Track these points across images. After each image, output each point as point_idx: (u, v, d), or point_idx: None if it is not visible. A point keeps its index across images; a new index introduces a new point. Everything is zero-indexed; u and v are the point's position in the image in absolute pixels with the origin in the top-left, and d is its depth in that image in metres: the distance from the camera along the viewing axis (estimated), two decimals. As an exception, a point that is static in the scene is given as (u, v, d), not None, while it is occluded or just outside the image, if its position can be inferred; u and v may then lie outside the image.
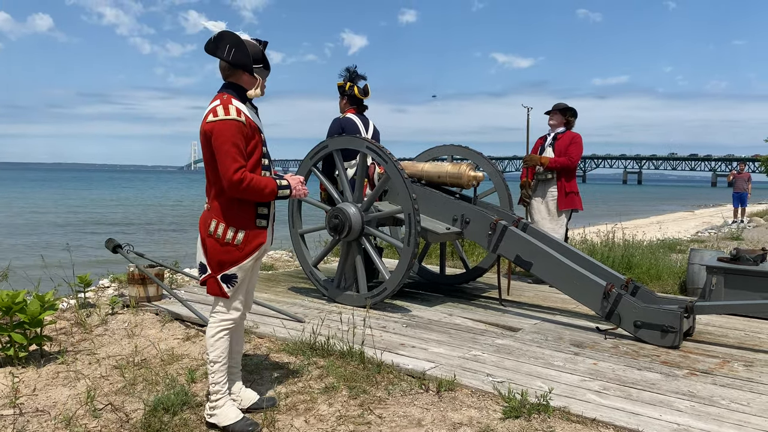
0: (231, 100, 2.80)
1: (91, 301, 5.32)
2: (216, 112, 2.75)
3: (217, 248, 2.84)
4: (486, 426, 2.88)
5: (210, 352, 2.92)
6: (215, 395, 2.93)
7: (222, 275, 2.87)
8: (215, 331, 2.93)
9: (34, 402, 3.35)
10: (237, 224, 2.82)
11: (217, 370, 2.92)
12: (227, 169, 2.70)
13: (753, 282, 5.12)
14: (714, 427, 2.82)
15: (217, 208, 2.84)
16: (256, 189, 2.75)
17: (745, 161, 20.65)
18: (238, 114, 2.76)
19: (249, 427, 2.90)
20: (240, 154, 2.73)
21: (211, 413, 2.94)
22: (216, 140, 2.73)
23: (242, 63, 2.81)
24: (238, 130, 2.74)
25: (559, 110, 6.36)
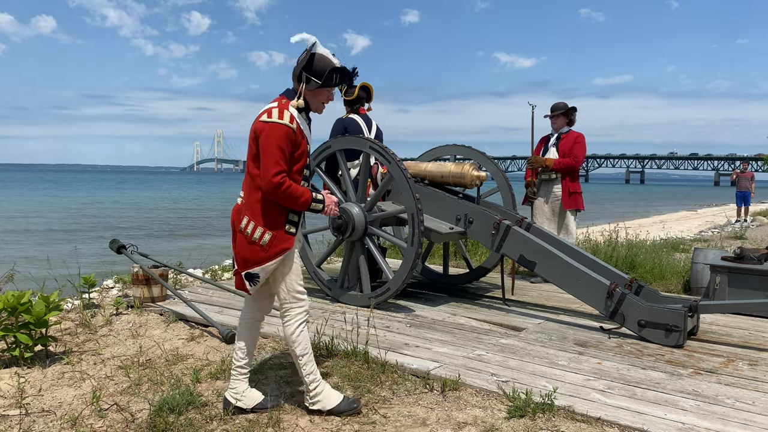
0: (288, 106, 2.89)
1: (96, 302, 5.34)
2: (271, 114, 2.84)
3: (244, 245, 2.90)
4: (491, 425, 2.89)
5: (295, 348, 2.98)
6: (313, 384, 3.01)
7: (245, 273, 2.92)
8: (295, 326, 2.98)
9: (40, 402, 3.36)
10: (267, 225, 2.87)
11: (308, 362, 3.00)
12: (269, 170, 2.78)
13: (757, 281, 5.11)
14: (719, 426, 2.82)
15: (251, 204, 2.89)
16: (292, 196, 2.83)
17: (748, 160, 20.62)
18: (291, 121, 2.84)
19: (353, 404, 3.03)
20: (284, 158, 2.81)
21: (313, 401, 3.03)
22: (264, 140, 2.81)
23: (297, 70, 2.92)
24: (286, 136, 2.81)
25: (562, 113, 6.36)
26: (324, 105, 3.04)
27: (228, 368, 3.66)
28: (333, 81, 2.94)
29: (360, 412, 3.05)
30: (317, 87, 2.93)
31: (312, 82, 2.91)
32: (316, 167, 5.40)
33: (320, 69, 2.90)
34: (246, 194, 2.94)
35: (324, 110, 3.07)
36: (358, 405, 3.04)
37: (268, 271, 2.91)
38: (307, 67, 2.90)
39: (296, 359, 3.00)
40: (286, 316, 3.00)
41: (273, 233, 2.87)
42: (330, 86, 2.97)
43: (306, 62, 2.90)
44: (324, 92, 2.98)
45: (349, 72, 3.02)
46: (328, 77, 2.91)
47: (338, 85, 3.00)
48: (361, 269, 5.21)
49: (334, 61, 2.95)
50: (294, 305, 2.99)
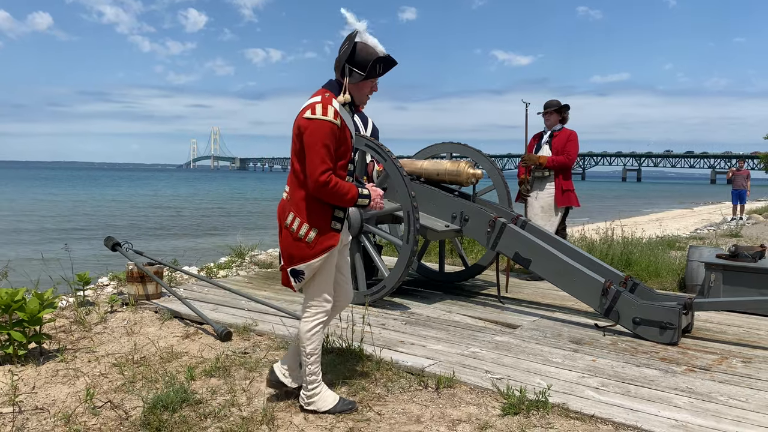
0: (332, 100, 2.79)
1: (91, 300, 5.33)
2: (314, 110, 2.75)
3: (289, 241, 2.88)
4: (485, 422, 2.89)
5: (306, 345, 2.96)
6: (312, 384, 3.00)
7: (291, 269, 2.91)
8: (312, 325, 2.96)
9: (34, 400, 3.35)
10: (312, 222, 2.83)
11: (314, 362, 2.98)
12: (315, 169, 2.72)
13: (751, 278, 5.13)
14: (712, 423, 2.83)
15: (296, 201, 2.86)
16: (339, 193, 2.78)
17: (744, 158, 20.69)
18: (335, 116, 2.75)
19: (348, 405, 3.02)
20: (329, 156, 2.74)
21: (308, 401, 3.02)
22: (308, 138, 2.74)
23: (340, 61, 2.83)
24: (331, 132, 2.74)
25: (555, 110, 6.37)
26: (368, 97, 2.94)
27: (222, 366, 3.66)
28: (377, 72, 2.84)
29: (355, 410, 3.03)
30: (361, 79, 2.83)
31: (355, 74, 2.81)
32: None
33: (363, 60, 2.79)
34: (291, 190, 2.90)
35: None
36: (353, 406, 3.04)
37: (313, 268, 2.88)
38: (350, 58, 2.79)
39: (303, 356, 2.98)
40: (307, 312, 2.98)
41: (318, 230, 2.83)
42: (374, 77, 2.86)
43: (349, 53, 2.79)
44: (368, 84, 2.88)
45: (393, 61, 2.88)
46: (372, 68, 2.80)
47: (382, 75, 2.89)
48: (356, 267, 5.21)
49: (377, 49, 2.82)
50: (318, 304, 2.97)
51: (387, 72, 2.90)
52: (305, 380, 3.02)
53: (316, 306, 2.98)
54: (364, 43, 2.82)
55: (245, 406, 3.15)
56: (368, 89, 2.91)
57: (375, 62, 2.80)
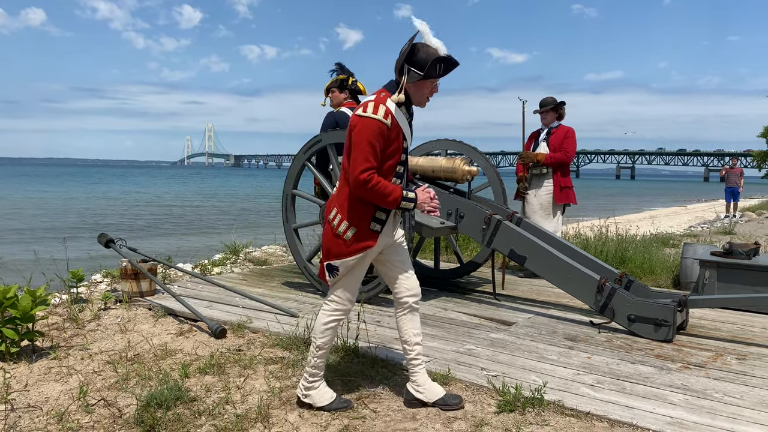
0: (386, 100, 2.76)
1: (84, 297, 5.30)
2: (366, 108, 2.74)
3: (329, 235, 2.88)
4: (480, 420, 2.88)
5: (318, 338, 2.97)
6: (312, 377, 2.99)
7: (327, 264, 2.89)
8: (328, 319, 2.96)
9: (26, 398, 3.33)
10: (351, 220, 2.81)
11: (321, 356, 2.99)
12: (357, 167, 2.70)
13: (745, 276, 5.15)
14: (707, 420, 2.83)
15: (341, 197, 2.86)
16: (380, 193, 2.74)
17: (737, 156, 20.78)
18: (386, 116, 2.72)
19: (343, 404, 3.00)
20: (373, 155, 2.71)
21: (306, 393, 3.02)
22: (356, 135, 2.72)
23: (399, 62, 2.80)
24: (378, 131, 2.70)
25: (551, 108, 6.37)
26: (428, 98, 2.88)
27: (217, 363, 3.64)
28: (437, 72, 2.77)
29: (351, 408, 3.03)
30: (419, 79, 2.77)
31: (413, 74, 2.76)
32: (307, 161, 5.38)
33: (422, 60, 2.74)
34: (338, 186, 2.90)
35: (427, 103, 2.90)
36: (349, 404, 3.03)
37: (348, 266, 2.86)
38: (409, 58, 2.75)
39: (313, 348, 2.99)
40: (328, 305, 2.97)
41: (357, 229, 2.81)
42: (433, 77, 2.80)
43: (408, 53, 2.75)
44: (427, 84, 2.82)
45: (454, 62, 2.81)
46: (431, 68, 2.74)
47: (443, 75, 2.82)
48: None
49: (439, 50, 2.77)
50: (340, 301, 2.96)
51: (448, 73, 2.83)
52: (307, 371, 3.02)
53: (338, 302, 2.96)
54: (424, 43, 2.79)
55: (240, 404, 3.13)
56: (428, 90, 2.85)
57: (434, 62, 2.74)
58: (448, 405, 2.99)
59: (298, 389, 3.07)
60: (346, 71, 5.72)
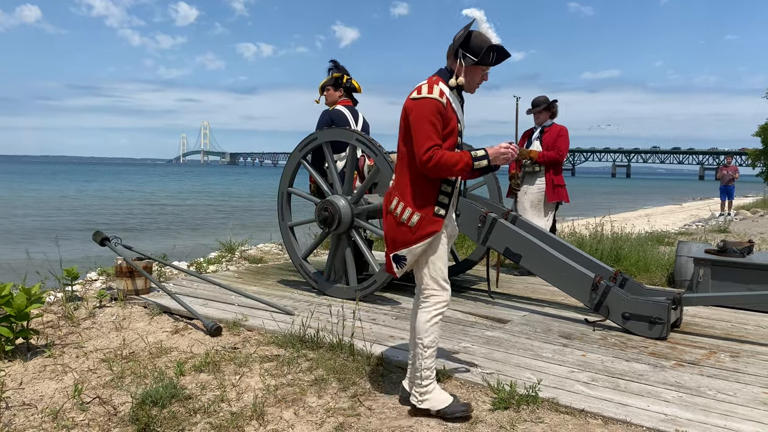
0: (438, 82, 2.78)
1: (79, 294, 5.28)
2: (420, 90, 2.75)
3: (392, 226, 2.84)
4: (475, 417, 2.89)
5: (424, 337, 2.85)
6: (427, 380, 2.88)
7: (393, 255, 2.85)
8: (430, 315, 2.85)
9: (21, 396, 3.32)
10: (415, 206, 2.79)
11: (431, 356, 2.88)
12: (420, 146, 2.69)
13: (739, 274, 5.17)
14: (701, 417, 2.85)
15: (401, 185, 2.84)
16: (448, 165, 2.70)
17: (732, 155, 20.85)
18: (441, 95, 2.73)
19: (462, 408, 2.88)
20: (435, 132, 2.71)
21: (421, 399, 2.89)
22: (414, 117, 2.73)
23: (453, 47, 2.82)
24: (436, 110, 2.71)
25: (544, 108, 6.39)
26: (478, 85, 2.91)
27: (212, 361, 3.64)
28: (490, 59, 2.81)
29: (470, 417, 2.88)
30: (472, 64, 2.80)
31: (468, 59, 2.79)
32: (302, 159, 5.38)
33: (477, 46, 2.79)
34: (397, 175, 2.88)
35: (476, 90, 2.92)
36: (467, 409, 2.88)
37: (415, 253, 2.81)
38: (464, 44, 2.79)
39: (421, 350, 2.85)
40: (425, 302, 2.87)
41: (421, 214, 2.77)
42: (486, 65, 2.84)
43: (463, 39, 2.79)
44: (479, 71, 2.86)
45: (506, 52, 2.84)
46: (485, 55, 2.78)
47: (495, 64, 2.86)
48: (347, 262, 5.20)
49: (492, 39, 2.81)
50: (436, 292, 2.86)
51: (500, 62, 2.86)
52: (419, 375, 2.88)
53: (434, 294, 2.86)
54: (479, 31, 2.82)
55: (235, 402, 3.13)
56: (479, 76, 2.88)
57: (488, 49, 2.78)
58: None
59: (411, 397, 2.93)
60: (341, 69, 5.72)
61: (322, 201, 5.16)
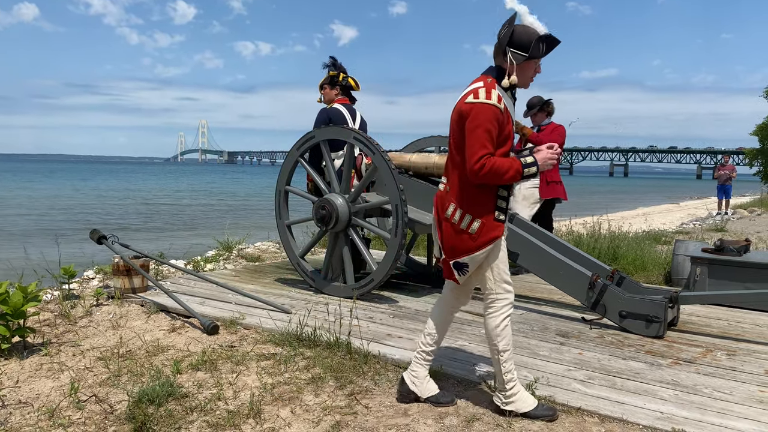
0: (495, 85, 2.70)
1: (76, 293, 5.27)
2: (477, 94, 2.66)
3: (451, 233, 2.78)
4: (472, 415, 2.89)
5: (498, 342, 2.81)
6: (510, 383, 2.85)
7: (454, 262, 2.81)
8: (500, 320, 2.81)
9: (17, 394, 3.32)
10: (475, 212, 2.73)
11: (509, 359, 2.83)
12: (473, 154, 2.62)
13: (736, 272, 5.18)
14: (697, 415, 2.85)
15: (457, 191, 2.77)
16: (498, 173, 2.63)
17: (729, 154, 20.88)
18: (499, 101, 2.66)
19: (548, 411, 2.85)
20: (490, 140, 2.63)
21: (508, 401, 2.86)
22: (471, 122, 2.64)
23: (501, 43, 2.72)
24: (494, 117, 2.64)
25: (539, 110, 6.39)
26: (532, 79, 2.81)
27: (209, 359, 3.63)
28: (540, 51, 2.72)
29: (555, 419, 2.84)
30: (524, 60, 2.71)
31: (518, 55, 2.70)
32: (300, 157, 5.37)
33: (525, 41, 2.69)
34: (451, 180, 2.81)
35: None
36: (554, 413, 2.85)
37: (477, 260, 2.77)
38: (511, 41, 2.70)
39: (497, 354, 2.82)
40: (492, 307, 2.83)
41: (482, 221, 2.72)
42: (538, 57, 2.74)
43: (509, 36, 2.70)
44: (531, 65, 2.76)
45: (556, 39, 2.74)
46: (535, 48, 2.69)
47: (547, 54, 2.76)
48: (344, 260, 5.20)
49: (538, 29, 2.72)
50: (501, 296, 2.83)
51: (550, 51, 2.77)
52: (501, 380, 2.86)
53: (500, 299, 2.83)
54: (523, 25, 2.73)
55: (232, 400, 3.13)
56: (532, 71, 2.79)
57: (538, 41, 2.69)
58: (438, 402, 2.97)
59: (495, 398, 2.91)
60: (338, 66, 5.71)
61: (320, 199, 5.16)
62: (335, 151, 5.48)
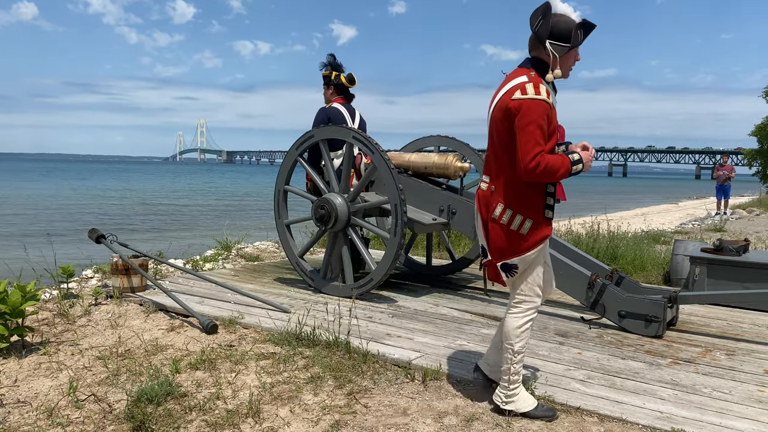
0: (541, 79, 2.64)
1: (74, 292, 5.27)
2: (525, 90, 2.58)
3: (500, 235, 2.73)
4: (471, 414, 2.89)
5: (515, 343, 2.80)
6: (514, 384, 2.85)
7: (502, 264, 2.77)
8: (521, 322, 2.80)
9: (16, 393, 3.31)
10: (525, 212, 2.69)
11: (520, 361, 2.84)
12: (528, 152, 2.54)
13: (735, 272, 5.18)
14: (696, 414, 2.85)
15: (504, 191, 2.71)
16: (551, 172, 2.59)
17: (728, 154, 20.89)
18: (548, 95, 2.60)
19: (548, 412, 2.84)
20: (543, 137, 2.57)
21: (507, 400, 2.86)
22: (521, 119, 2.56)
23: (540, 37, 2.65)
24: (545, 112, 2.58)
25: None
26: (571, 68, 2.75)
27: (208, 359, 3.63)
28: (580, 39, 2.66)
29: (555, 419, 2.83)
30: (566, 51, 2.66)
31: (559, 47, 2.65)
32: (299, 157, 5.36)
33: (564, 30, 2.63)
34: (495, 180, 2.75)
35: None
36: (553, 414, 2.83)
37: (527, 261, 2.73)
38: (551, 34, 2.63)
39: (510, 355, 2.81)
40: (517, 307, 2.81)
41: (533, 221, 2.68)
42: (577, 45, 2.68)
43: (549, 29, 2.63)
44: (572, 54, 2.70)
45: (591, 24, 2.68)
46: (575, 37, 2.64)
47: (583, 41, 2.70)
48: (343, 260, 5.19)
49: (572, 16, 2.66)
50: (530, 299, 2.80)
51: (587, 37, 2.71)
52: (507, 378, 2.85)
53: (527, 301, 2.80)
54: (559, 13, 2.65)
55: (230, 399, 3.13)
56: (572, 60, 2.73)
57: (576, 30, 2.64)
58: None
59: (495, 396, 2.91)
60: (333, 65, 5.69)
61: (319, 199, 5.16)
62: (334, 150, 5.48)
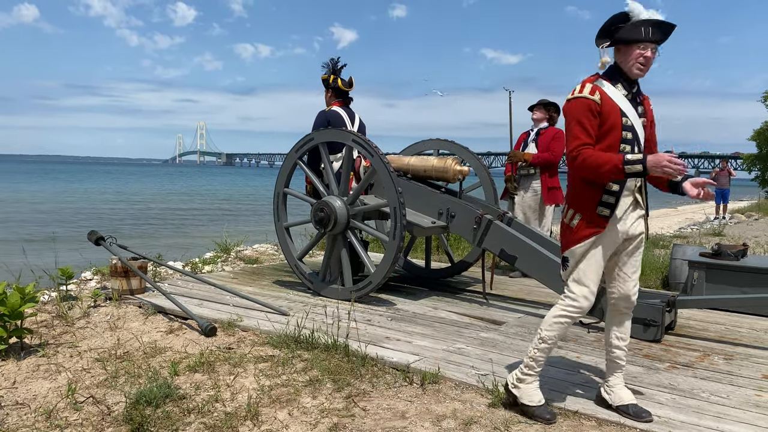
0: (594, 79, 2.73)
1: (73, 294, 5.27)
2: (573, 92, 2.73)
3: (561, 228, 2.85)
4: (469, 418, 2.89)
5: (545, 329, 2.83)
6: (528, 370, 2.87)
7: (562, 257, 2.84)
8: (559, 313, 2.82)
9: (14, 395, 3.31)
10: (576, 207, 2.78)
11: (545, 350, 2.85)
12: (568, 145, 2.69)
13: (734, 277, 5.18)
14: (694, 419, 2.86)
15: (569, 188, 2.86)
16: (593, 165, 2.60)
17: (726, 159, 20.89)
18: (592, 92, 2.66)
19: (548, 414, 2.84)
20: (583, 131, 2.64)
21: (516, 383, 2.89)
22: (566, 118, 2.73)
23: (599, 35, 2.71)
24: (586, 108, 2.65)
25: (543, 105, 6.41)
26: (640, 66, 2.66)
27: (207, 361, 3.63)
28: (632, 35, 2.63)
29: (553, 423, 2.81)
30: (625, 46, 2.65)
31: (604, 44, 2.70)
32: (299, 160, 5.37)
33: (613, 22, 2.67)
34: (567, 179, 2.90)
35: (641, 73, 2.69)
36: (552, 418, 2.82)
37: (576, 255, 2.75)
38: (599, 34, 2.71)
39: (537, 339, 2.85)
40: (562, 301, 2.83)
41: (582, 215, 2.74)
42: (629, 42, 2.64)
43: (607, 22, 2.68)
44: (629, 51, 2.66)
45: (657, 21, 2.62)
46: (628, 32, 2.64)
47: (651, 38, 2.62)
48: (342, 263, 5.20)
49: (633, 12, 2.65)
50: (574, 296, 2.79)
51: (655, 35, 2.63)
52: (525, 362, 2.89)
53: (571, 298, 2.80)
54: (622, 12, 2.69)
55: (229, 402, 3.13)
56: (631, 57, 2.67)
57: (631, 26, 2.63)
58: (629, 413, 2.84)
59: (509, 375, 2.94)
60: (330, 69, 5.70)
61: (318, 202, 5.16)
62: (334, 153, 5.49)
